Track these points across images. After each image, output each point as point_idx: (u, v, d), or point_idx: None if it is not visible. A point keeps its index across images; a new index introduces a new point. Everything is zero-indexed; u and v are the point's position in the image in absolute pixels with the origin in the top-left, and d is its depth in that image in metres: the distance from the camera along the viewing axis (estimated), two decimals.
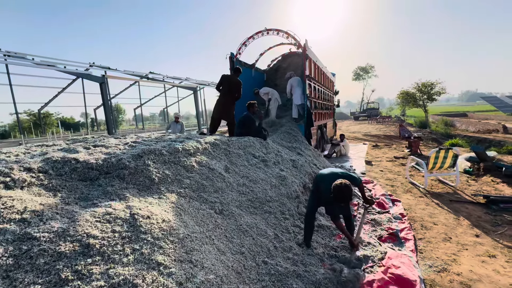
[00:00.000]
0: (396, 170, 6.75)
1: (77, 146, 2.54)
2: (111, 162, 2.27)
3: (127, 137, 3.52)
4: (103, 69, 12.13)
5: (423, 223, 3.66)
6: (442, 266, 2.66)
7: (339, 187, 2.34)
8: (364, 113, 34.36)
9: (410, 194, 4.87)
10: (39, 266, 1.27)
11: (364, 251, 2.82)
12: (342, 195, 2.32)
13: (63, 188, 1.90)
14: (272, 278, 2.10)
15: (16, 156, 2.11)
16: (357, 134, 15.72)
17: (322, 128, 9.15)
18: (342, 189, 2.33)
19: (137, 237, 1.66)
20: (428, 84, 20.67)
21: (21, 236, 1.35)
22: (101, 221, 1.63)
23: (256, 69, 9.01)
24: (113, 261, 1.45)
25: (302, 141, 6.10)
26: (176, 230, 1.89)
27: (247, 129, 4.58)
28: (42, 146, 2.67)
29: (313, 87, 7.40)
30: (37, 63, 9.97)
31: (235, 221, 2.52)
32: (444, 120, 22.00)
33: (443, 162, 5.11)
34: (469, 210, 3.99)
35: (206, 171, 2.87)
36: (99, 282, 1.33)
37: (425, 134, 15.16)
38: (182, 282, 1.58)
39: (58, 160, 2.05)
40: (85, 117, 22.21)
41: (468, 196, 4.58)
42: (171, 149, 2.83)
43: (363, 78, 42.39)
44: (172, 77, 16.05)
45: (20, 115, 12.96)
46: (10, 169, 1.76)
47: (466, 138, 14.00)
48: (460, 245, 3.04)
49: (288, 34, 7.26)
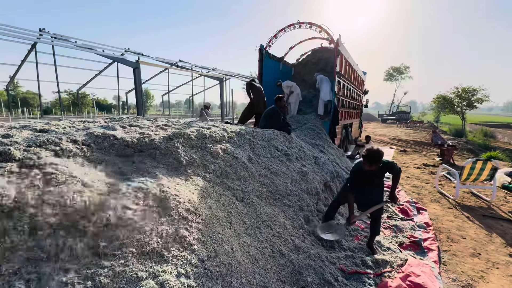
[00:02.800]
0: (424, 178, 6.40)
1: (114, 124, 2.73)
2: (144, 141, 2.42)
3: (158, 120, 3.70)
4: (137, 55, 12.71)
5: (450, 235, 3.46)
6: (468, 282, 2.52)
7: (371, 149, 2.44)
8: (394, 116, 32.61)
9: (438, 204, 4.61)
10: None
11: (383, 256, 2.75)
12: (372, 156, 2.40)
13: (102, 161, 2.07)
14: (288, 269, 2.13)
15: (63, 129, 2.32)
16: (383, 138, 15.04)
17: (347, 127, 8.87)
18: (373, 151, 2.41)
19: (165, 212, 1.77)
20: (470, 89, 19.04)
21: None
22: (133, 195, 1.76)
23: (284, 62, 8.89)
24: (144, 232, 1.57)
25: (326, 139, 5.98)
26: (199, 211, 1.98)
27: (272, 122, 4.58)
28: (84, 121, 2.90)
29: (342, 84, 7.17)
30: (79, 45, 10.69)
31: (255, 210, 2.57)
32: (483, 130, 20.22)
33: (479, 174, 4.74)
34: (504, 228, 3.69)
35: (230, 159, 2.95)
36: (132, 248, 1.45)
37: (460, 143, 14.09)
38: (204, 259, 1.67)
39: (100, 135, 2.22)
40: (117, 99, 23.55)
41: (505, 213, 4.23)
42: (199, 134, 2.93)
43: (395, 79, 40.04)
44: (200, 66, 16.40)
45: (61, 94, 14.07)
46: (59, 139, 1.94)
47: (507, 151, 12.80)
48: (490, 263, 2.85)
49: (321, 28, 7.06)
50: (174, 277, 1.45)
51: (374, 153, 2.42)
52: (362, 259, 2.60)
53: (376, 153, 2.42)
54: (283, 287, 1.96)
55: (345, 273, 2.37)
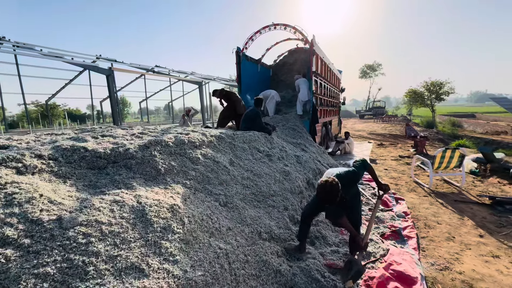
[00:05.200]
0: (401, 169, 6.71)
1: (85, 136, 2.59)
2: (118, 151, 2.31)
3: (133, 128, 3.56)
4: (110, 62, 12.21)
5: (427, 222, 3.65)
6: (445, 265, 2.66)
7: (322, 186, 2.00)
8: (370, 112, 34.01)
9: (415, 193, 4.85)
10: (52, 247, 1.31)
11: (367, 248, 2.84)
12: (324, 195, 1.98)
13: (72, 175, 1.95)
14: (277, 276, 2.12)
15: (27, 143, 2.15)
16: (362, 133, 15.60)
17: (327, 125, 9.10)
18: (325, 187, 1.97)
19: (144, 225, 1.69)
20: (438, 83, 20.32)
21: (33, 219, 1.39)
22: (109, 208, 1.67)
23: (262, 64, 8.96)
24: (121, 248, 1.49)
25: (307, 137, 6.08)
26: (181, 219, 1.92)
27: (252, 124, 4.59)
28: (51, 134, 2.72)
29: (319, 83, 7.35)
30: (45, 54, 10.07)
31: (239, 214, 2.54)
32: (451, 121, 21.68)
33: (449, 162, 5.05)
34: (474, 211, 3.96)
35: (211, 164, 2.90)
36: (106, 265, 1.37)
37: (432, 134, 14.97)
38: (187, 270, 1.61)
39: (68, 148, 2.09)
40: (91, 109, 22.45)
41: (474, 197, 4.54)
42: (177, 140, 2.86)
43: (369, 76, 41.80)
44: (178, 71, 16.09)
45: (28, 105, 13.16)
46: (22, 155, 1.80)
47: (473, 139, 13.80)
48: (463, 245, 3.03)
49: (296, 29, 7.20)
50: None
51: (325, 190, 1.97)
52: (347, 253, 2.65)
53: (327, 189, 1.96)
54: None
55: (331, 268, 2.41)
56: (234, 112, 5.25)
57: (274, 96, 7.33)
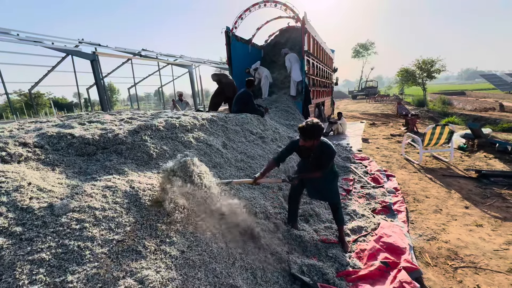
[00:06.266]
0: (392, 147, 6.84)
1: (71, 122, 2.50)
2: (107, 137, 2.25)
3: (122, 113, 3.46)
4: (93, 46, 11.62)
5: (416, 196, 3.79)
6: (432, 235, 2.80)
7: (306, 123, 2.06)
8: (363, 92, 34.00)
9: (405, 169, 4.98)
10: (46, 234, 1.30)
11: (359, 222, 2.94)
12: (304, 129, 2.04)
13: (61, 162, 1.90)
14: (272, 254, 2.19)
15: (10, 132, 2.07)
16: (354, 113, 15.68)
17: (320, 106, 9.08)
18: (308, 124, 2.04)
19: (138, 209, 1.69)
20: (429, 61, 20.26)
21: (23, 207, 1.37)
22: (102, 194, 1.65)
23: (253, 44, 8.70)
24: (116, 232, 1.49)
25: (300, 118, 6.08)
26: (176, 202, 1.93)
27: (244, 106, 4.53)
28: (36, 122, 2.62)
29: (312, 63, 7.22)
30: (22, 39, 9.47)
31: (234, 195, 2.57)
32: (442, 99, 21.91)
33: (438, 138, 5.16)
34: (460, 184, 4.12)
35: (204, 147, 2.88)
36: (103, 249, 1.37)
37: (422, 112, 15.17)
38: (184, 250, 1.64)
39: (54, 135, 2.02)
40: (78, 97, 21.67)
41: (461, 171, 4.70)
42: (168, 124, 2.80)
43: (362, 56, 41.25)
44: (166, 54, 15.49)
45: (10, 95, 12.59)
46: (5, 144, 1.74)
47: (462, 116, 14.06)
48: (449, 216, 3.18)
49: (286, 6, 6.93)
50: (154, 271, 1.41)
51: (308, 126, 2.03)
52: None
53: (310, 127, 2.03)
54: (270, 264, 2.01)
55: (325, 244, 2.50)
56: (224, 95, 5.16)
57: (267, 75, 7.19)
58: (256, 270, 1.89)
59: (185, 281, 1.48)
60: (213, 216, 1.99)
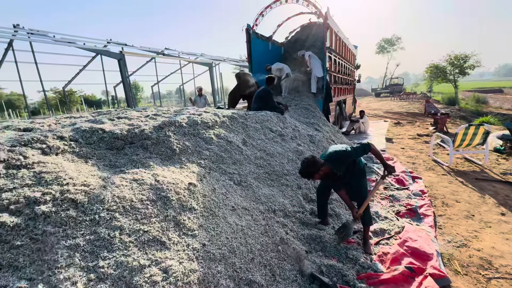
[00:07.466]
0: (419, 147, 6.48)
1: (102, 118, 2.66)
2: (134, 132, 2.36)
3: (147, 110, 3.61)
4: (120, 46, 12.19)
5: (445, 200, 3.57)
6: (462, 242, 2.62)
7: (301, 161, 2.30)
8: (387, 89, 32.44)
9: (433, 171, 4.70)
10: (80, 221, 1.40)
11: (381, 224, 2.84)
12: (302, 168, 2.27)
13: (93, 155, 2.03)
14: (290, 251, 2.18)
15: (48, 126, 2.24)
16: (377, 112, 15.06)
17: (341, 104, 8.82)
18: (302, 163, 2.28)
19: (163, 202, 1.76)
20: (462, 56, 18.88)
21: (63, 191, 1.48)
22: (129, 186, 1.74)
23: (273, 42, 8.63)
24: (142, 222, 1.57)
25: (320, 117, 5.95)
26: (198, 196, 1.98)
27: (264, 103, 4.52)
28: (70, 117, 2.81)
29: (333, 60, 7.03)
30: (57, 40, 10.18)
31: (254, 193, 2.59)
32: (475, 97, 20.32)
33: (471, 139, 4.81)
34: (496, 189, 3.81)
35: (224, 144, 2.92)
36: (130, 238, 1.45)
37: (453, 111, 14.21)
38: (205, 243, 1.69)
39: (87, 130, 2.16)
40: (105, 94, 22.91)
41: (497, 175, 4.35)
42: (190, 121, 2.88)
43: (387, 51, 39.32)
44: (188, 53, 15.85)
45: (46, 92, 13.59)
46: (45, 137, 1.88)
47: (499, 115, 12.98)
48: (483, 223, 2.96)
49: (309, 1, 6.78)
50: (177, 262, 1.47)
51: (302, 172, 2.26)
52: (360, 230, 2.66)
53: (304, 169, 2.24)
54: (289, 262, 2.01)
55: (344, 244, 2.44)
56: (239, 92, 5.20)
57: (289, 73, 7.10)
58: (275, 267, 1.90)
59: (206, 274, 1.52)
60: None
